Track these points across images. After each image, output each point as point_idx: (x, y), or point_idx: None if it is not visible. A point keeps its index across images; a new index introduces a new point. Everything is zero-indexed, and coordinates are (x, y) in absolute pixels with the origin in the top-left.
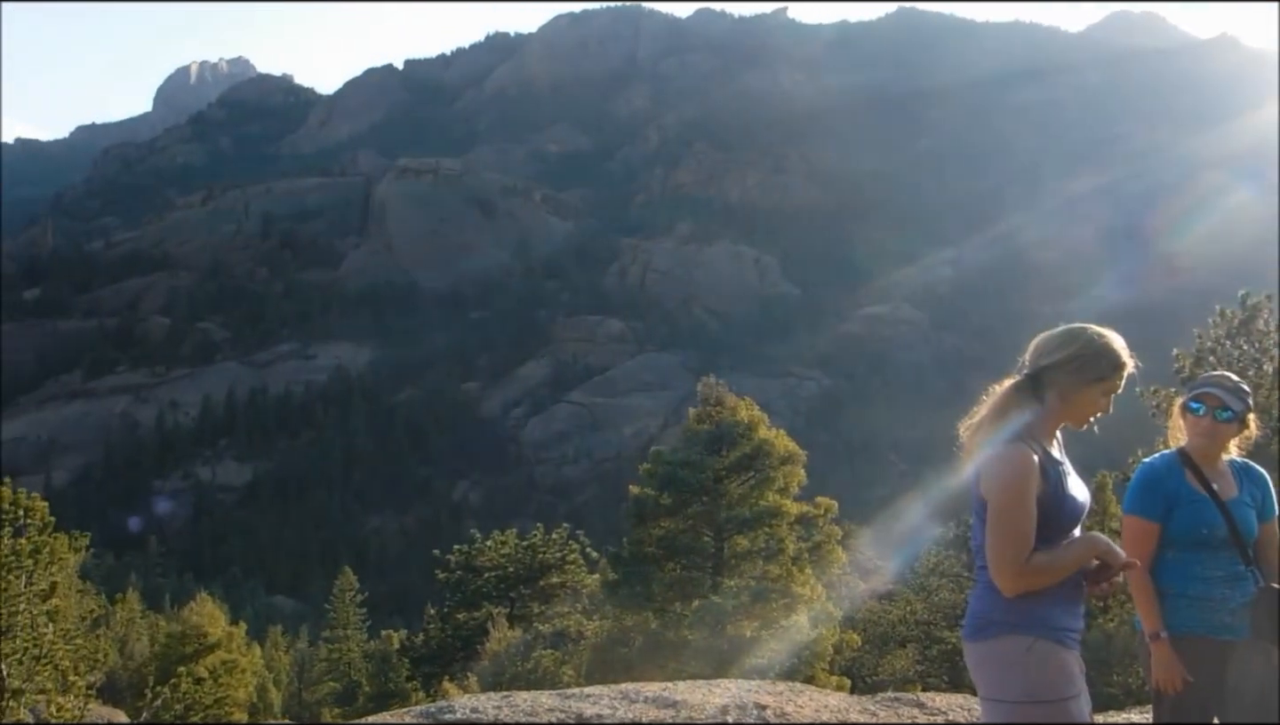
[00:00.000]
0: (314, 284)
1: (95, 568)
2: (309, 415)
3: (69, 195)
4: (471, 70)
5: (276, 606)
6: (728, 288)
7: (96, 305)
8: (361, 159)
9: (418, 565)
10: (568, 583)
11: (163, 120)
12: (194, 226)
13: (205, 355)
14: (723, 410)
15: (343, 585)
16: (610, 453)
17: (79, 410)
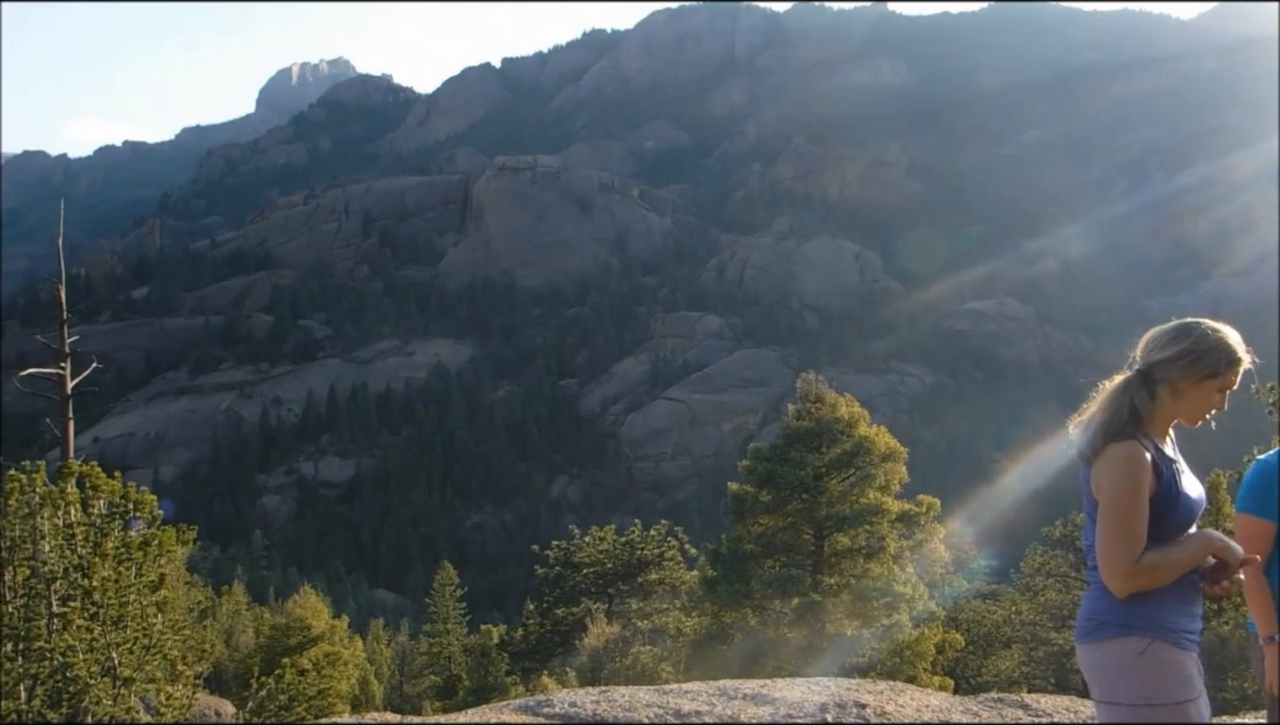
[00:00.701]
0: (413, 282)
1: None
2: (409, 412)
3: (175, 196)
4: (568, 68)
5: (378, 600)
6: (827, 283)
7: (202, 304)
8: (460, 157)
9: (516, 561)
10: (666, 579)
11: (265, 121)
12: (296, 225)
13: (307, 352)
14: (822, 407)
15: (442, 580)
16: (709, 449)
17: (186, 407)
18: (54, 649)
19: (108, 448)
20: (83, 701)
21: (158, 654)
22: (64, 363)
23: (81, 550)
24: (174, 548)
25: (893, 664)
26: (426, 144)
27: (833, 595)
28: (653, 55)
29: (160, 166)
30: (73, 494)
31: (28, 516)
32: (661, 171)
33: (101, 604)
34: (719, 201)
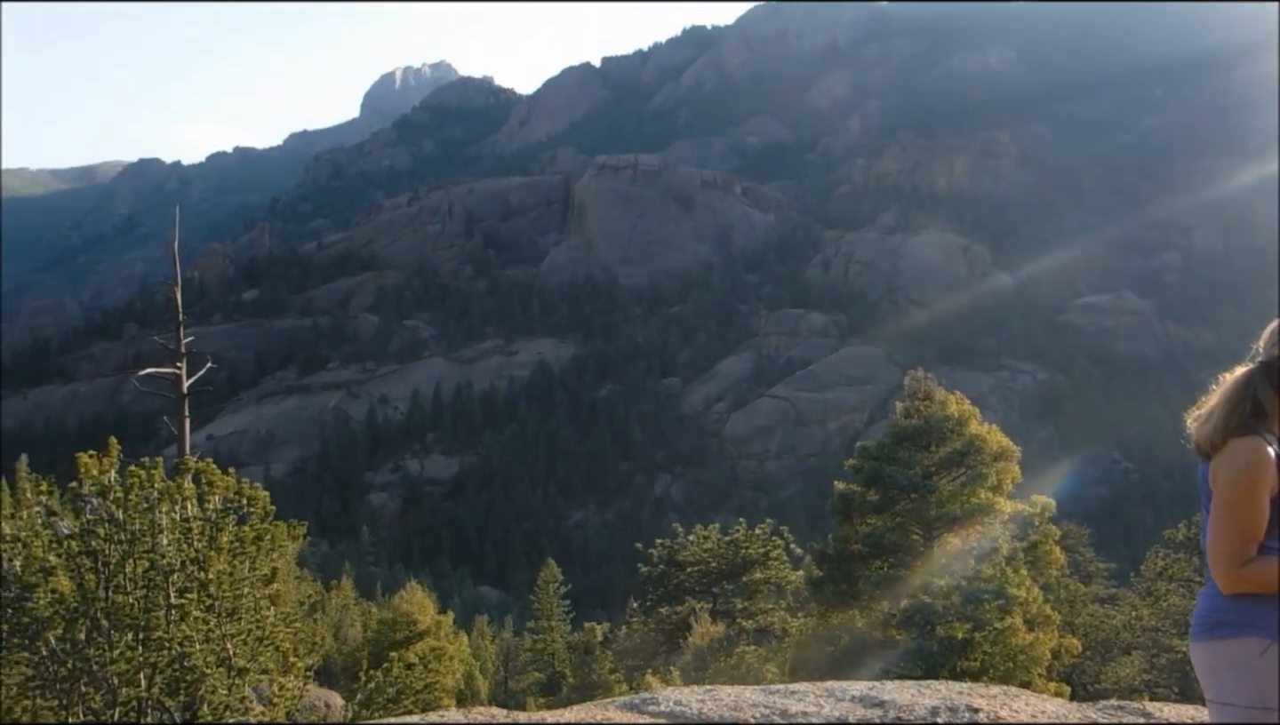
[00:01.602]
0: (516, 281)
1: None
2: (512, 410)
3: (284, 200)
4: (668, 65)
5: (483, 597)
6: (935, 278)
7: (310, 305)
8: (561, 157)
9: (619, 559)
10: (771, 579)
11: (369, 125)
12: (400, 227)
13: (413, 352)
14: (931, 404)
15: (546, 577)
16: (814, 448)
17: (295, 405)
18: (172, 639)
19: (221, 445)
20: (199, 691)
21: (270, 646)
22: (180, 363)
23: (198, 544)
24: (285, 543)
25: (1006, 668)
26: (528, 144)
27: (943, 597)
28: (753, 50)
29: (269, 171)
30: (189, 489)
31: (147, 511)
32: (764, 167)
33: (217, 596)
34: (823, 196)
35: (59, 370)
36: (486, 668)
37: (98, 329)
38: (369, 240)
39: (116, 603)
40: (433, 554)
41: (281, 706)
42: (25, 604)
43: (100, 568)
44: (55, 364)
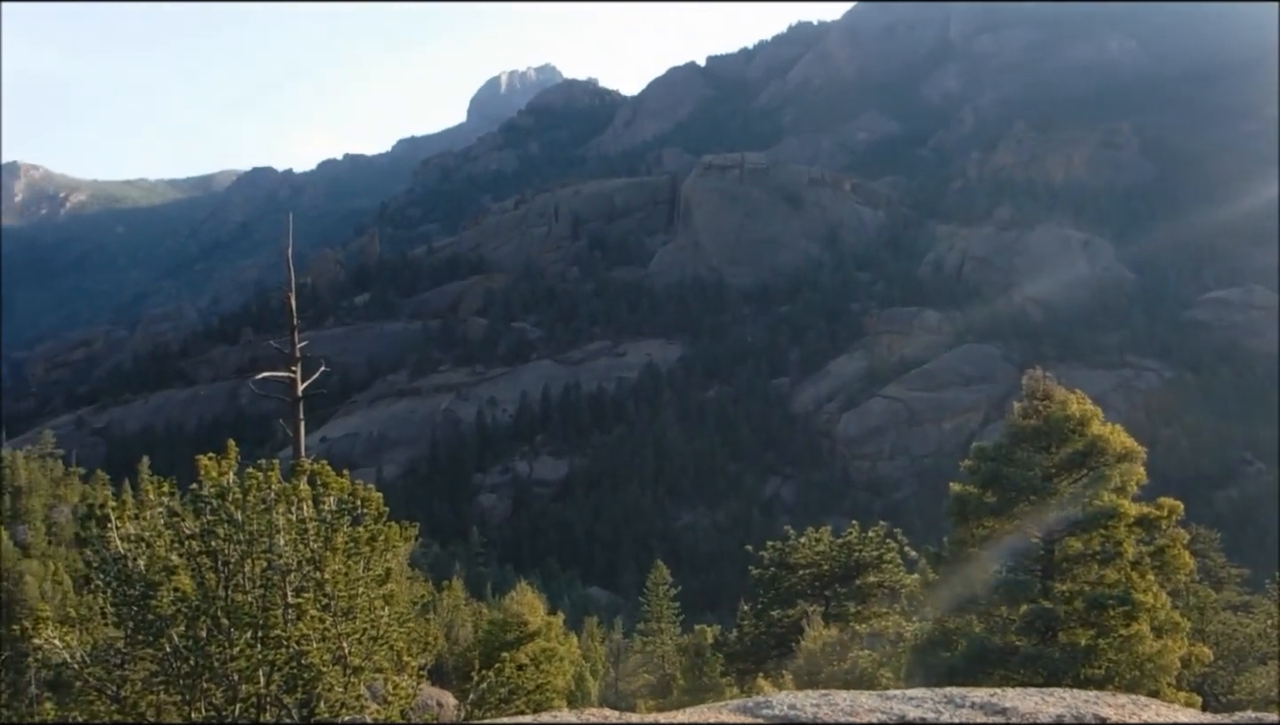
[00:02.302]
0: (623, 282)
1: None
2: (620, 411)
3: (393, 205)
4: (774, 63)
5: (592, 598)
6: (1054, 274)
7: (420, 308)
8: (667, 157)
9: (729, 561)
10: (885, 582)
11: (476, 129)
12: (507, 230)
13: (521, 354)
14: (1051, 404)
15: (656, 579)
16: (928, 448)
17: (406, 407)
18: (289, 637)
19: (334, 447)
20: (316, 688)
21: (385, 645)
22: (295, 367)
23: (314, 544)
24: (398, 543)
25: (1133, 676)
26: (633, 145)
27: (1064, 603)
28: (861, 45)
29: (378, 177)
30: (305, 491)
31: (264, 511)
32: (873, 163)
33: (332, 596)
34: (935, 192)
35: (179, 374)
36: (596, 669)
37: (215, 334)
38: (477, 244)
39: (236, 601)
40: (542, 555)
41: (396, 705)
42: (149, 602)
43: (220, 567)
44: (175, 368)
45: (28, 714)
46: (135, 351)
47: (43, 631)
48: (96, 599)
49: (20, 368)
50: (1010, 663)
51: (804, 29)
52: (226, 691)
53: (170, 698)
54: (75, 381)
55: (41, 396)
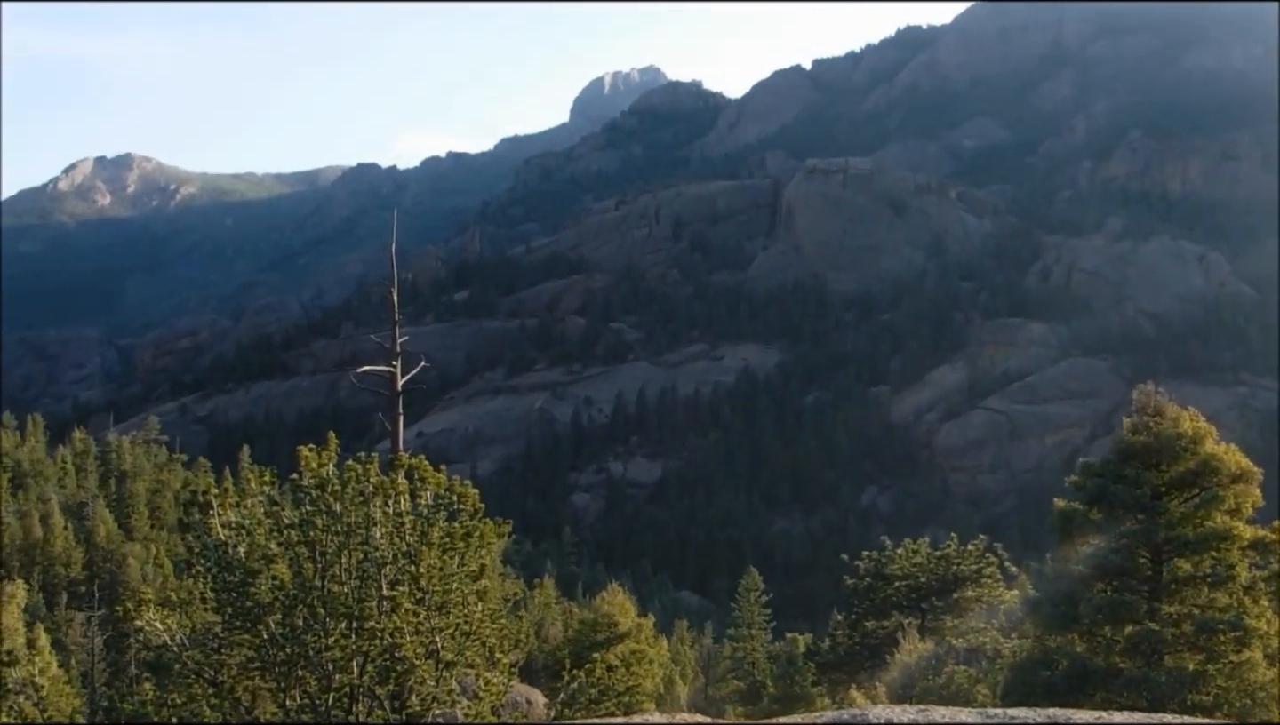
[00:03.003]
0: (723, 286)
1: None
2: (716, 415)
3: (494, 203)
4: (882, 67)
5: (683, 602)
6: (1166, 288)
7: (519, 307)
8: (770, 161)
9: (823, 569)
10: (984, 597)
11: (579, 130)
12: (608, 231)
13: (618, 355)
14: (1162, 421)
15: (748, 585)
16: (1030, 463)
17: (502, 405)
18: (384, 629)
19: (430, 442)
20: (408, 681)
21: (477, 640)
22: (395, 361)
23: (410, 538)
24: (493, 540)
25: (1243, 705)
26: (736, 148)
27: (1172, 625)
28: (972, 50)
29: (480, 176)
30: (402, 485)
31: (362, 504)
32: (981, 171)
33: (427, 590)
34: (1044, 201)
35: (281, 366)
36: (686, 673)
37: (317, 327)
38: (577, 243)
39: (332, 592)
40: (634, 556)
41: (486, 701)
42: (248, 589)
43: (317, 557)
44: (277, 360)
45: (128, 693)
46: (239, 342)
47: (145, 614)
48: (197, 584)
49: (129, 355)
50: (1113, 685)
51: (913, 33)
52: (321, 681)
53: (265, 684)
54: (181, 370)
55: (148, 383)
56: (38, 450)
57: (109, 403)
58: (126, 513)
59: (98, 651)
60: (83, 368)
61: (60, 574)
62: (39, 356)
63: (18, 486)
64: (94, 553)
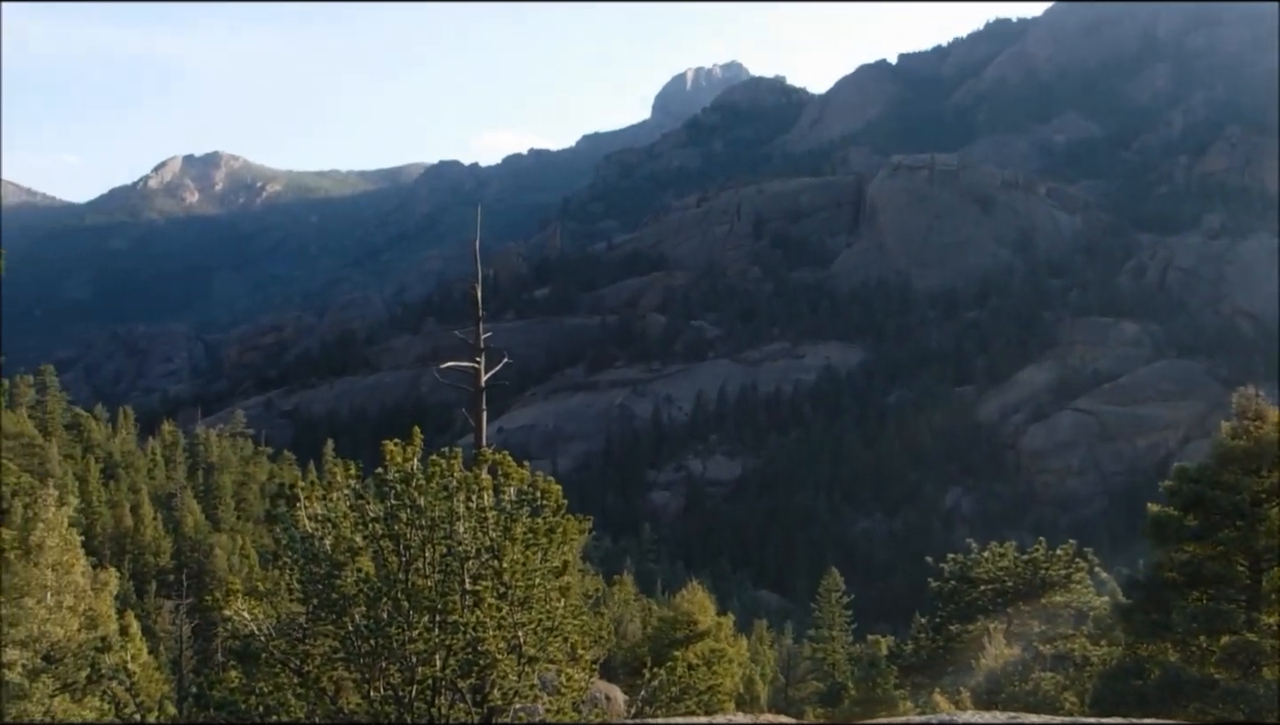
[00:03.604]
0: (805, 283)
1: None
2: (798, 414)
3: (575, 200)
4: (969, 61)
5: (762, 601)
6: (1266, 287)
7: (599, 303)
8: (853, 157)
9: (905, 571)
10: (1072, 603)
11: (660, 126)
12: (689, 228)
13: (698, 352)
14: (1263, 426)
15: (829, 585)
16: (1121, 466)
17: (582, 402)
18: (467, 623)
19: (510, 438)
20: (490, 675)
21: (559, 636)
22: (479, 357)
23: (493, 533)
24: (576, 536)
25: None
26: (819, 144)
27: (1272, 636)
28: (1062, 43)
29: (562, 172)
30: (486, 480)
31: (446, 498)
32: (1071, 166)
33: (510, 585)
34: (1137, 198)
35: (363, 361)
36: (765, 673)
37: (399, 323)
38: (657, 240)
39: (416, 585)
40: (713, 555)
41: (568, 697)
42: (334, 581)
43: (401, 551)
44: (360, 355)
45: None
46: (323, 338)
47: (233, 603)
48: (283, 575)
49: (216, 350)
50: (1208, 696)
51: (1002, 26)
52: (404, 672)
53: (350, 675)
54: (266, 365)
55: (234, 378)
56: (128, 442)
57: (196, 397)
58: (213, 504)
59: (185, 639)
60: (171, 362)
61: (149, 563)
62: (130, 351)
63: (109, 477)
64: (182, 542)
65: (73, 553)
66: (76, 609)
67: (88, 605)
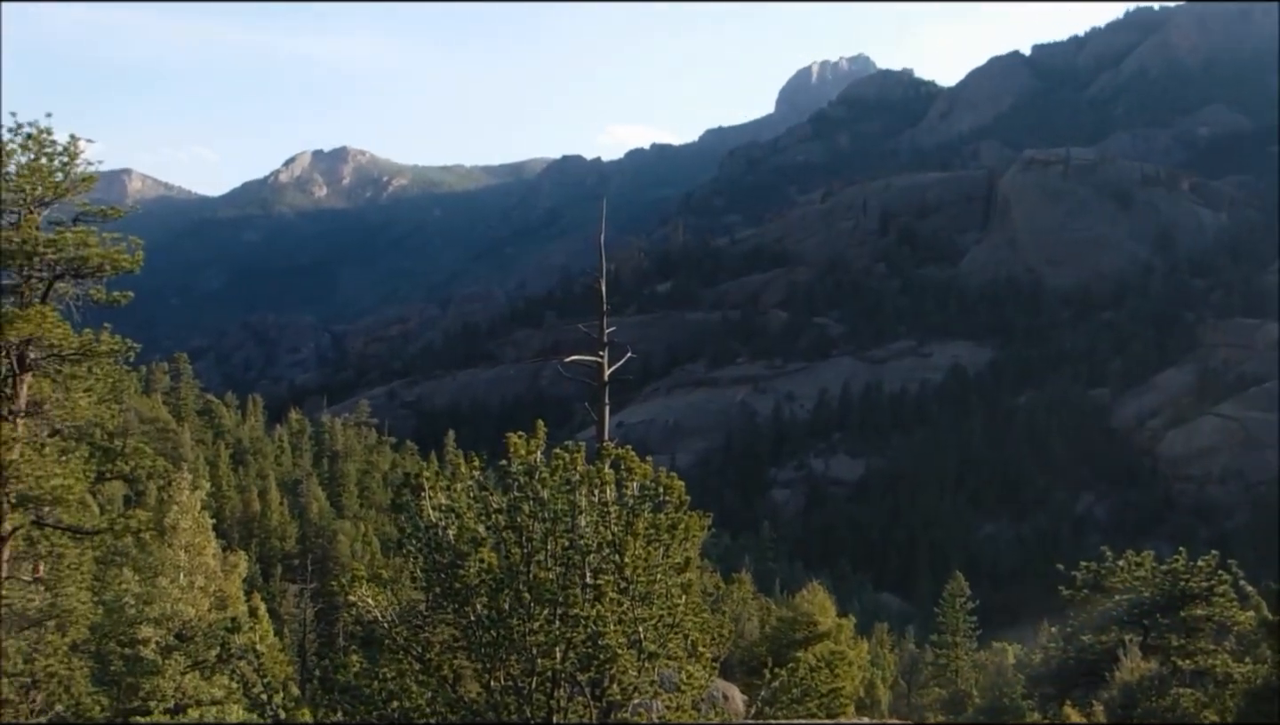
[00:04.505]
0: (932, 281)
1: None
2: (923, 414)
3: (698, 195)
4: (1107, 51)
5: (883, 604)
6: None
7: (720, 299)
8: (984, 151)
9: (1033, 578)
10: (1215, 616)
11: (785, 120)
12: (813, 223)
13: (821, 349)
14: None
15: (953, 590)
16: (1266, 475)
17: (702, 397)
18: (588, 617)
19: (630, 433)
20: (610, 669)
21: (680, 633)
22: (603, 351)
23: (615, 528)
24: (698, 533)
25: None
26: (948, 138)
27: None
28: (1208, 31)
29: (684, 167)
30: (608, 475)
31: (568, 492)
32: (1217, 161)
33: (631, 580)
34: None
35: (485, 354)
36: (885, 677)
37: (520, 316)
38: (781, 236)
39: (538, 577)
40: (833, 555)
41: (688, 694)
42: (457, 571)
43: (524, 543)
44: (482, 348)
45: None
46: (446, 330)
47: (358, 589)
48: (407, 563)
49: (342, 341)
50: None
51: (1143, 14)
52: (524, 664)
53: (470, 664)
54: (390, 356)
55: (359, 368)
56: (257, 429)
57: (323, 386)
58: (337, 491)
59: (308, 622)
60: (298, 352)
61: (275, 547)
62: (260, 340)
63: (238, 462)
64: (307, 528)
65: (204, 535)
66: (207, 589)
67: (218, 586)
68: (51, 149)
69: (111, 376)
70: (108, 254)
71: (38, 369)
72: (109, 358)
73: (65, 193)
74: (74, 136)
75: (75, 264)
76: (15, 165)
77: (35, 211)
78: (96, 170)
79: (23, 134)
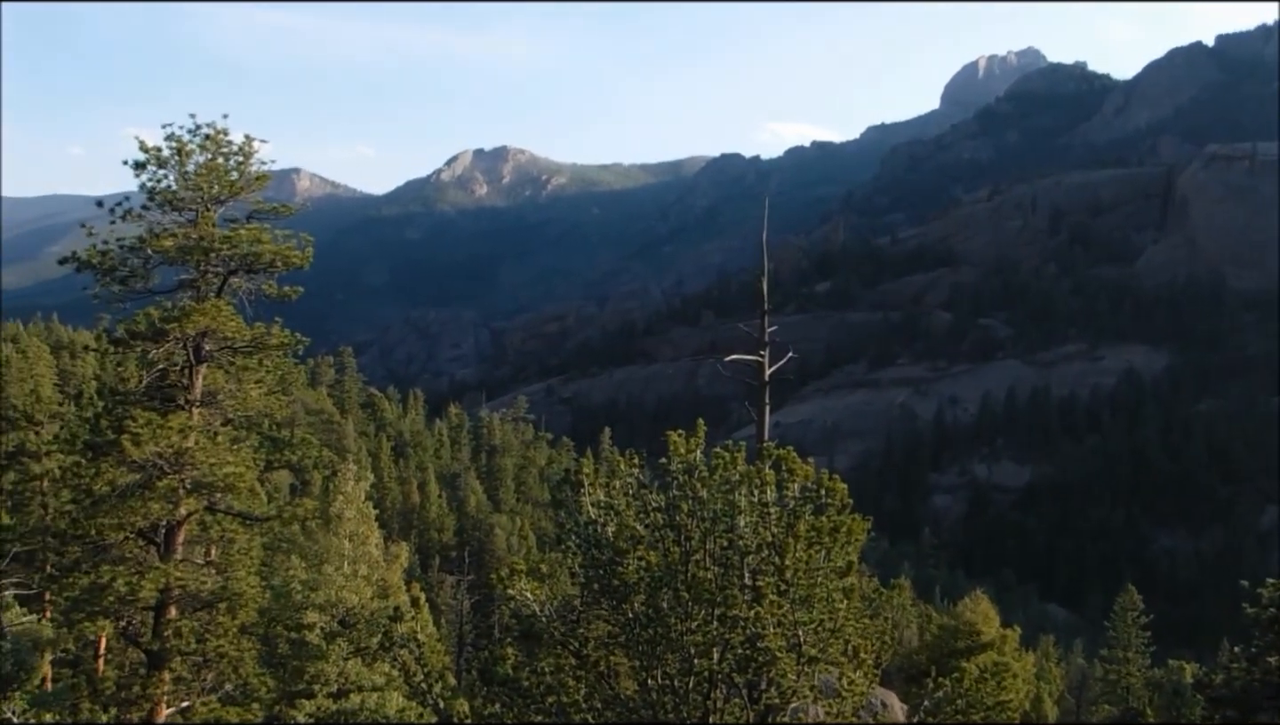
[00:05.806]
0: (1105, 282)
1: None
2: (1094, 420)
3: (859, 193)
4: None
5: (1049, 615)
6: None
7: (882, 299)
8: (1162, 147)
9: (1212, 594)
10: None
11: (949, 117)
12: (979, 222)
13: (986, 352)
14: None
15: (1125, 604)
16: None
17: (862, 399)
18: (747, 619)
19: (787, 433)
20: (768, 672)
21: (841, 638)
22: (764, 351)
23: (775, 529)
24: (861, 536)
25: None
26: (1124, 134)
27: None
28: None
29: (845, 165)
30: (769, 475)
31: (728, 492)
32: None
33: (792, 582)
34: None
35: (641, 352)
36: (1052, 692)
37: (677, 315)
38: (945, 235)
39: (696, 577)
40: (996, 563)
41: (848, 701)
42: (616, 568)
43: (683, 542)
44: (639, 346)
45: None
46: (603, 327)
47: (516, 583)
48: (565, 558)
49: (501, 336)
50: None
51: None
52: (682, 663)
53: (627, 661)
54: (547, 353)
55: (517, 364)
56: (417, 422)
57: (481, 381)
58: (495, 485)
59: (465, 614)
60: (459, 347)
61: (434, 538)
62: (421, 335)
63: (399, 454)
64: (464, 520)
65: (368, 525)
66: (370, 578)
67: (380, 575)
68: (227, 149)
69: (281, 369)
70: (279, 250)
71: (212, 361)
72: (279, 351)
73: (240, 191)
74: (248, 137)
75: (249, 260)
76: (194, 165)
77: (212, 209)
78: (268, 169)
79: (201, 135)
